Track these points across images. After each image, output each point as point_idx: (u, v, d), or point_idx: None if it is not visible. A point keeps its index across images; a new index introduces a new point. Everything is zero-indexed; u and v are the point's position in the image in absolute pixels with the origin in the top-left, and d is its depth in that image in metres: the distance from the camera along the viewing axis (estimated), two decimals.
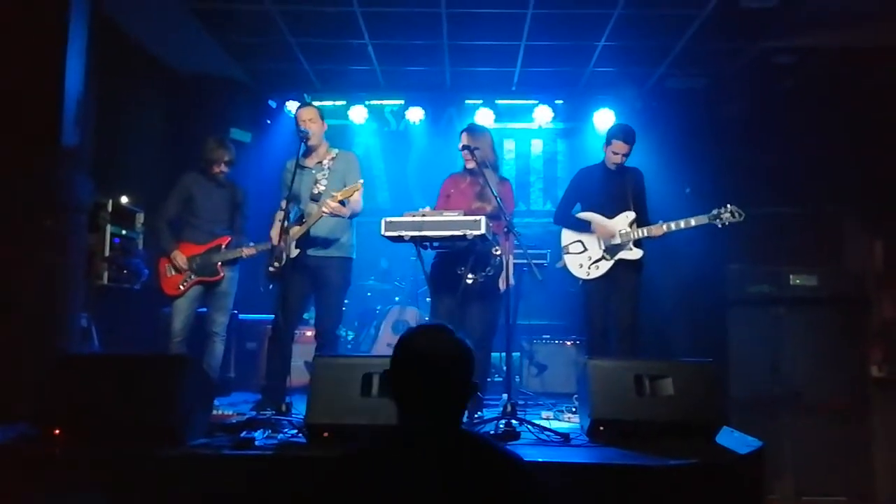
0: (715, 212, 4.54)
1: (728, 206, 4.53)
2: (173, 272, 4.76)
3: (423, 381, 1.77)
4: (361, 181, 4.37)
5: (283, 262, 4.30)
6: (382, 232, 4.02)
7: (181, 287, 4.73)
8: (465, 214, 4.06)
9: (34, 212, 3.91)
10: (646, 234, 4.68)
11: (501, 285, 4.30)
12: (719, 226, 4.57)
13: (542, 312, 6.63)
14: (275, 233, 4.46)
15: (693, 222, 4.59)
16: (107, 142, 4.99)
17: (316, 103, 7.44)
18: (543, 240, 5.91)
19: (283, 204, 4.53)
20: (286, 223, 4.33)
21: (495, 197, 4.24)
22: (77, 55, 4.10)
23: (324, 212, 4.30)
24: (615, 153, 4.78)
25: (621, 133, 4.79)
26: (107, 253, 4.83)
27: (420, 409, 1.76)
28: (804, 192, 5.92)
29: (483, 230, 3.87)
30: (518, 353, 5.90)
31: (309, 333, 5.27)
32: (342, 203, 4.32)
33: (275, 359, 4.38)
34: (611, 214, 4.80)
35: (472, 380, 1.83)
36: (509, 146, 7.79)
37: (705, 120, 6.67)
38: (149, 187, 5.66)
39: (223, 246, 4.83)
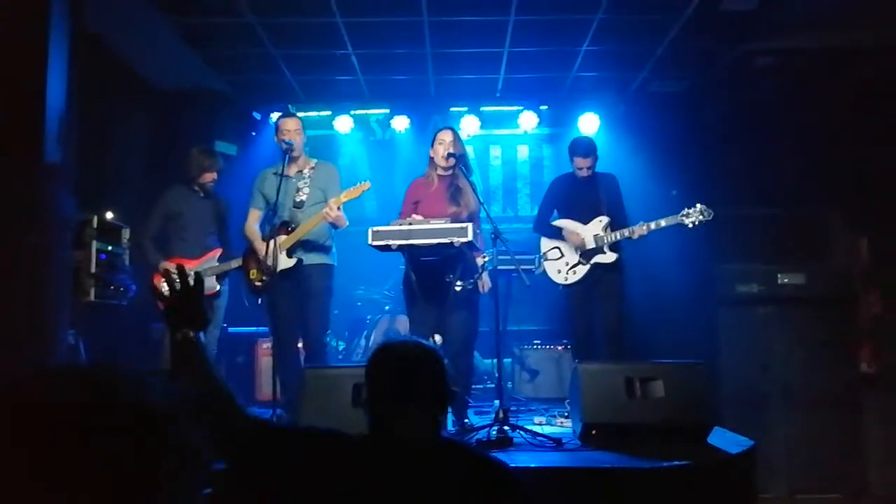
0: (684, 211, 4.60)
1: (697, 205, 4.58)
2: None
3: (401, 386, 1.75)
4: (368, 182, 4.36)
5: (273, 274, 4.29)
6: (370, 241, 4.01)
7: None
8: (450, 221, 4.07)
9: (18, 228, 3.88)
10: (618, 238, 4.78)
11: (482, 289, 4.32)
12: (690, 226, 4.60)
13: (532, 318, 6.63)
14: (260, 245, 4.46)
15: (663, 223, 4.67)
16: (91, 157, 4.96)
17: (301, 114, 7.47)
18: (531, 245, 5.90)
19: (257, 213, 4.57)
20: (271, 231, 4.33)
21: (481, 203, 4.26)
22: (58, 71, 4.07)
23: (328, 216, 4.26)
24: (578, 168, 4.96)
25: (579, 149, 4.94)
26: (93, 269, 4.79)
27: (399, 416, 1.73)
28: (790, 191, 5.96)
29: (470, 237, 3.88)
30: (509, 360, 5.90)
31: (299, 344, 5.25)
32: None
33: (287, 372, 4.35)
34: (585, 220, 4.94)
35: (449, 386, 1.81)
36: (495, 153, 7.81)
37: (689, 122, 6.72)
38: (134, 202, 5.63)
39: (216, 258, 4.80)
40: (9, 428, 0.88)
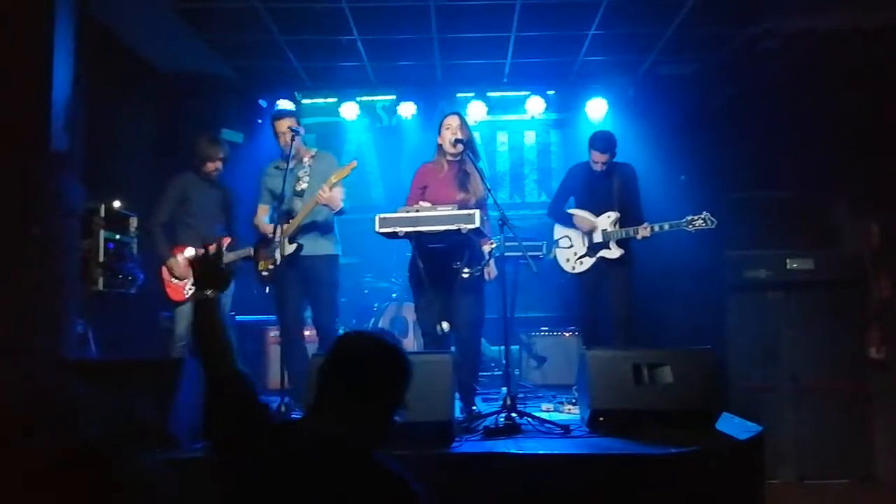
0: (689, 217, 4.67)
1: (703, 212, 4.65)
2: (176, 279, 4.77)
3: (346, 380, 1.82)
4: (355, 161, 4.38)
5: (278, 262, 4.31)
6: (377, 228, 3.99)
7: (187, 293, 4.72)
8: (458, 207, 4.04)
9: (26, 219, 3.88)
10: (623, 236, 4.84)
11: (487, 276, 4.31)
12: (691, 230, 4.66)
13: (539, 304, 6.62)
14: (269, 228, 4.50)
15: (667, 227, 4.74)
16: (97, 146, 4.96)
17: (306, 101, 7.49)
18: (539, 232, 5.90)
19: (265, 208, 4.69)
20: (279, 221, 4.35)
21: (488, 190, 4.24)
22: (64, 59, 4.06)
23: (321, 197, 4.29)
24: (595, 161, 4.94)
25: (597, 144, 4.90)
26: (101, 258, 4.80)
27: (333, 410, 1.79)
28: (798, 175, 5.91)
29: (478, 223, 3.85)
30: (517, 346, 5.89)
31: (307, 332, 5.26)
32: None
33: (294, 361, 4.38)
34: (597, 213, 4.98)
35: (400, 398, 1.85)
36: (502, 138, 7.77)
37: (698, 106, 6.66)
38: (141, 190, 5.63)
39: (224, 247, 4.80)
40: None
